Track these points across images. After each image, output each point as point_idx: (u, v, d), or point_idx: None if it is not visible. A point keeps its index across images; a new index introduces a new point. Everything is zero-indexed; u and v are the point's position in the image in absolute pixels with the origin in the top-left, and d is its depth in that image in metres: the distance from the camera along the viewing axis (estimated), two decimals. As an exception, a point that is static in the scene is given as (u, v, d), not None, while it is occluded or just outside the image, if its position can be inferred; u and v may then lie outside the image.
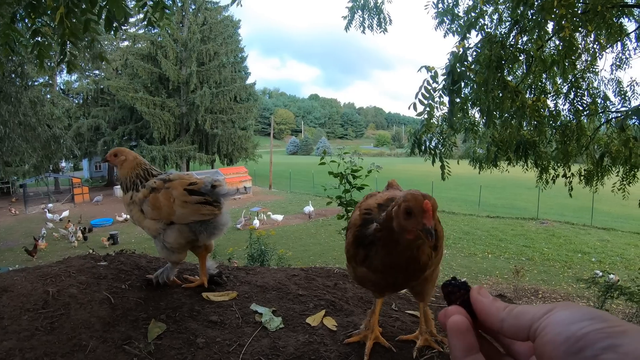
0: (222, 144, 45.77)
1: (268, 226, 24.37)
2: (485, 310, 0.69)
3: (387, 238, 1.69)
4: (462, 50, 6.44)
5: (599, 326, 0.53)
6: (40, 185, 35.28)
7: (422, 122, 7.52)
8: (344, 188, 5.77)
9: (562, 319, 0.56)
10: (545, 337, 0.57)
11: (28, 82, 20.54)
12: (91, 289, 2.66)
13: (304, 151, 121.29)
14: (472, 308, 0.72)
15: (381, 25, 8.91)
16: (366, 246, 1.82)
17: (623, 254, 19.78)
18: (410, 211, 1.50)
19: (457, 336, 0.68)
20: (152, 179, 2.67)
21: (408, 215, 1.51)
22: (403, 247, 1.66)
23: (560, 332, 0.55)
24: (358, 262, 1.89)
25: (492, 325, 0.68)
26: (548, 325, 0.58)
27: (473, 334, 0.68)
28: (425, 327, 2.21)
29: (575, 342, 0.53)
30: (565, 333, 0.54)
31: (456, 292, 0.75)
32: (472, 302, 0.71)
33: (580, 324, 0.54)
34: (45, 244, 21.83)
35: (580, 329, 0.53)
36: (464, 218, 28.11)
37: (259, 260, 10.92)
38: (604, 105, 8.80)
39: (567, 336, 0.54)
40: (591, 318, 0.54)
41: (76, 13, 3.97)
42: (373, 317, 2.22)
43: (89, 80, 45.32)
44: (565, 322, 0.55)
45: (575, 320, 0.55)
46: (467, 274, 17.14)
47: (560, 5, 5.63)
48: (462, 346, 0.67)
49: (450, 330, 0.69)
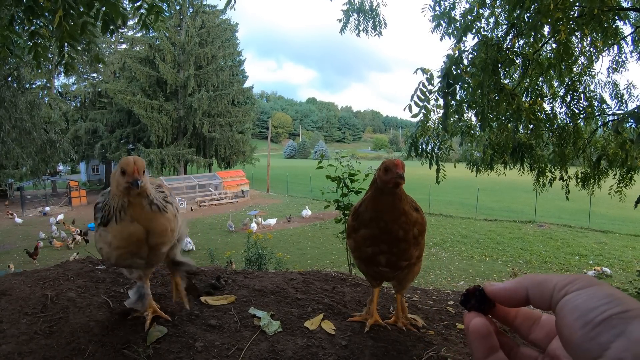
0: (219, 147, 45.72)
1: (265, 230, 24.36)
2: (505, 290, 0.70)
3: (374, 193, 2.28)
4: (457, 53, 6.46)
5: (615, 311, 0.54)
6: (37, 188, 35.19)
7: (418, 124, 7.54)
8: (342, 192, 5.76)
9: (580, 304, 0.57)
10: (564, 320, 0.58)
11: (25, 85, 20.49)
12: (90, 293, 2.67)
13: (301, 155, 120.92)
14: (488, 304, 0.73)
15: (376, 29, 8.92)
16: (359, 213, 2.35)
17: (620, 256, 19.78)
18: (387, 168, 2.16)
19: (479, 339, 0.70)
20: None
21: (386, 171, 2.16)
22: (386, 195, 2.21)
23: (578, 317, 0.56)
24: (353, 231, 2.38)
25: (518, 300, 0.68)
26: (566, 307, 0.59)
27: (493, 335, 0.70)
28: (401, 313, 2.62)
29: (592, 328, 0.54)
30: (584, 319, 0.55)
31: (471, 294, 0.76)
32: (489, 292, 0.72)
33: (598, 309, 0.55)
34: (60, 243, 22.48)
35: (597, 316, 0.54)
36: (462, 221, 28.10)
37: (257, 263, 10.90)
38: (601, 108, 8.83)
39: (585, 322, 0.55)
40: (608, 302, 0.55)
41: (73, 15, 3.98)
42: (372, 305, 2.58)
43: (87, 83, 45.24)
44: (584, 308, 0.56)
45: (593, 307, 0.56)
46: (465, 277, 17.14)
47: (556, 9, 5.66)
48: (484, 348, 0.69)
49: (472, 333, 0.70)
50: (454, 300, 3.32)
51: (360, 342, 2.28)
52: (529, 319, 0.74)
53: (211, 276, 3.16)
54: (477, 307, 0.74)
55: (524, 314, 0.74)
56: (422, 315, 2.77)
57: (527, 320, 0.74)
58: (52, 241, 22.92)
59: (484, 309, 0.73)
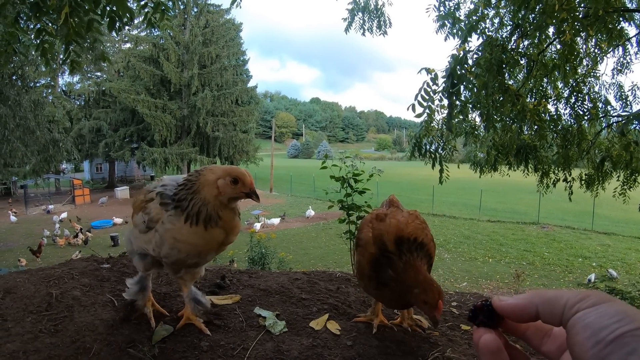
0: (223, 146, 45.69)
1: (268, 229, 24.37)
2: (514, 306, 0.69)
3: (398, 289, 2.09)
4: (462, 53, 6.44)
5: (626, 329, 0.53)
6: (41, 187, 35.27)
7: (422, 124, 7.53)
8: (346, 192, 5.76)
9: (591, 322, 0.57)
10: (575, 338, 0.58)
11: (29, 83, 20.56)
12: (94, 292, 2.67)
13: (305, 154, 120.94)
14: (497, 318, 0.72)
15: (381, 28, 8.92)
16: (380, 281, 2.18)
17: (624, 258, 19.73)
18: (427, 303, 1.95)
19: (488, 355, 0.69)
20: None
21: (424, 304, 1.96)
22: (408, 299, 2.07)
23: (589, 336, 0.56)
24: (372, 286, 2.25)
25: (528, 316, 0.68)
26: (578, 325, 0.58)
27: (504, 350, 0.69)
28: (407, 314, 2.59)
29: (604, 347, 0.53)
30: (595, 338, 0.55)
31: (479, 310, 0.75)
32: (497, 308, 0.71)
33: (609, 327, 0.54)
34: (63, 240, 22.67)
35: (609, 334, 0.54)
36: (465, 222, 28.06)
37: (260, 263, 10.90)
38: (605, 110, 8.82)
39: (596, 341, 0.54)
40: (620, 320, 0.55)
41: (79, 13, 3.99)
42: (377, 306, 2.55)
43: (91, 82, 45.37)
44: (595, 326, 0.56)
45: (605, 325, 0.55)
46: (468, 278, 17.12)
47: (561, 9, 5.65)
48: None
49: (482, 350, 0.70)
50: (457, 301, 3.32)
51: (366, 343, 2.28)
52: (541, 331, 0.73)
53: (216, 275, 3.17)
54: (486, 322, 0.73)
55: (535, 325, 0.73)
56: (426, 316, 2.77)
57: (538, 332, 0.74)
58: (55, 239, 23.01)
59: (492, 324, 0.73)
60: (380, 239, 2.19)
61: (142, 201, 2.20)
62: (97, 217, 29.91)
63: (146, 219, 2.11)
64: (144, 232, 2.14)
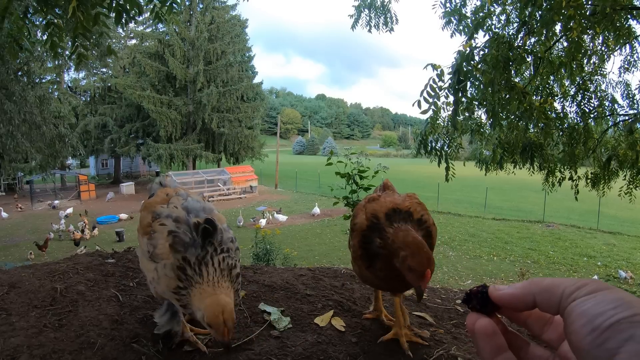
0: (228, 142, 45.79)
1: (273, 225, 24.39)
2: (511, 295, 0.68)
3: (388, 259, 1.87)
4: (468, 49, 6.42)
5: (623, 315, 0.53)
6: (46, 182, 35.39)
7: (427, 121, 7.51)
8: (351, 188, 5.76)
9: (588, 309, 0.56)
10: (572, 326, 0.57)
11: (35, 79, 20.63)
12: (99, 286, 2.67)
13: (310, 151, 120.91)
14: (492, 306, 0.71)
15: (387, 24, 8.90)
16: (370, 256, 1.99)
17: (629, 258, 19.67)
18: (413, 270, 1.72)
19: (484, 339, 0.68)
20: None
21: (410, 271, 1.73)
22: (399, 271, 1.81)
23: (586, 324, 0.55)
24: (363, 265, 2.05)
25: (525, 305, 0.67)
26: (574, 312, 0.58)
27: (500, 334, 0.68)
28: (403, 322, 2.28)
29: (600, 334, 0.53)
30: (591, 325, 0.54)
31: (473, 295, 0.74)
32: (494, 298, 0.71)
33: (606, 314, 0.54)
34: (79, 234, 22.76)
35: (605, 321, 0.53)
36: (470, 220, 28.05)
37: (265, 259, 10.94)
38: (612, 108, 8.77)
39: (592, 328, 0.54)
40: (617, 306, 0.54)
41: (87, 6, 4.00)
42: (377, 302, 2.51)
43: (97, 77, 45.50)
44: (592, 314, 0.55)
45: (601, 311, 0.55)
46: (472, 276, 17.10)
47: (568, 7, 5.62)
48: (490, 348, 0.68)
49: (477, 334, 0.69)
50: (461, 299, 3.31)
51: (371, 340, 2.27)
52: (542, 319, 0.73)
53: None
54: (478, 308, 0.73)
55: (536, 313, 0.73)
56: (431, 313, 2.75)
57: (540, 320, 0.73)
58: (61, 235, 23.13)
59: (486, 310, 0.72)
60: (373, 214, 2.01)
61: (149, 225, 2.00)
62: (102, 213, 30.05)
63: (151, 250, 1.92)
64: (147, 259, 1.96)
